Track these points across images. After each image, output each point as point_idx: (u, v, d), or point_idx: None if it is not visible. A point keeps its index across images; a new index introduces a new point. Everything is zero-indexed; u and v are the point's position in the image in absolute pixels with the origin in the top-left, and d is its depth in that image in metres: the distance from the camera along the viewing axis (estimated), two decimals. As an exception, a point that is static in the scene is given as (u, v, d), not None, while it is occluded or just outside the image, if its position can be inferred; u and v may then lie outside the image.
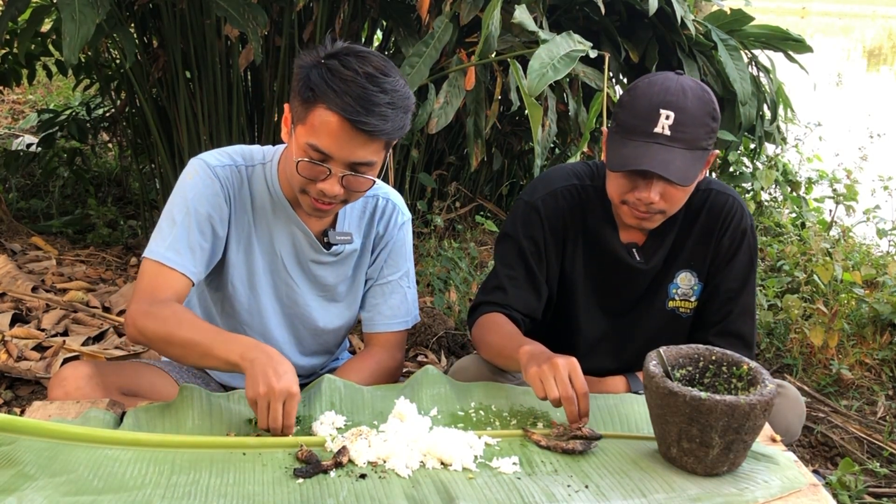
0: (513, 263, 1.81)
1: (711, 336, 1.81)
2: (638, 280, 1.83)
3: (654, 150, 1.61)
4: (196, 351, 1.49)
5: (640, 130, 1.63)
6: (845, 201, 4.56)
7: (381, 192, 1.83)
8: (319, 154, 1.53)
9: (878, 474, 2.36)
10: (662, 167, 1.59)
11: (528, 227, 1.81)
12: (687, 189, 1.67)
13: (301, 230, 1.72)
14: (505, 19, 2.94)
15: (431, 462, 1.37)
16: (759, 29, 3.73)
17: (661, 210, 1.68)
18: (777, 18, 17.42)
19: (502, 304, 1.79)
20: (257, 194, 1.71)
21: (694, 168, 1.62)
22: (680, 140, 1.61)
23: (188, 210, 1.62)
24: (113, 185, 4.68)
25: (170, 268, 1.59)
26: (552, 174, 1.85)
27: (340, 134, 1.50)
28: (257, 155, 1.73)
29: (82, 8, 2.50)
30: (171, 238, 1.61)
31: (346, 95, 1.47)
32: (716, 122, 1.65)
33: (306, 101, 1.52)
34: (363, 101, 1.48)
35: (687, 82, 1.65)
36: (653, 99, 1.62)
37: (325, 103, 1.49)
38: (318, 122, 1.51)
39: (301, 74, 1.55)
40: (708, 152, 1.66)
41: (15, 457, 1.28)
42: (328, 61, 1.51)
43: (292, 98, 1.58)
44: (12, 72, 4.18)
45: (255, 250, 1.73)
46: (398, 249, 1.84)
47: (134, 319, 1.55)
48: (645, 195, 1.64)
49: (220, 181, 1.65)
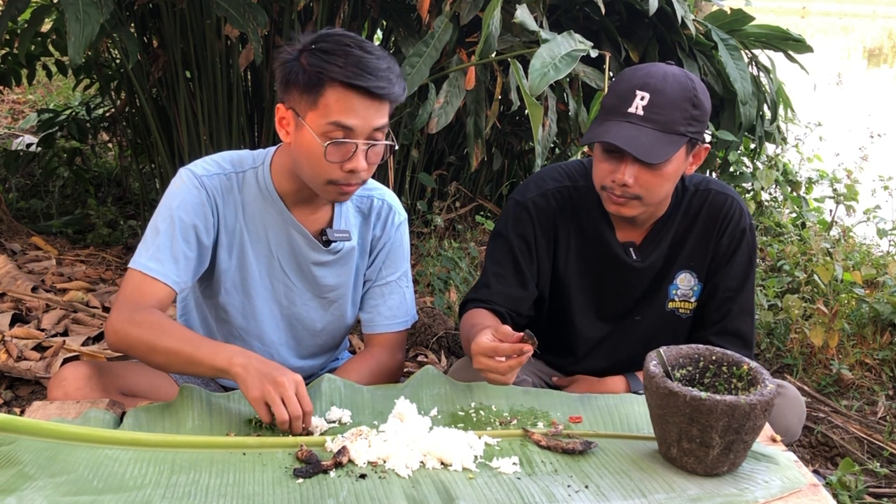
0: (501, 261, 1.81)
1: (710, 335, 1.81)
2: (635, 279, 1.83)
3: (624, 127, 1.62)
4: (181, 358, 1.49)
5: (615, 110, 1.65)
6: (845, 201, 4.55)
7: (377, 192, 1.82)
8: (342, 130, 1.54)
9: (879, 474, 2.36)
10: (627, 142, 1.60)
11: (519, 225, 1.81)
12: (662, 176, 1.66)
13: (298, 231, 1.72)
14: (505, 19, 2.94)
15: (431, 462, 1.37)
16: (759, 29, 3.73)
17: (637, 195, 1.67)
18: (777, 18, 17.41)
19: (485, 299, 1.80)
20: (250, 199, 1.70)
21: (664, 149, 1.61)
22: (652, 121, 1.61)
23: (172, 219, 1.62)
24: (113, 185, 4.68)
25: (152, 277, 1.59)
26: (544, 174, 1.86)
27: (358, 104, 1.53)
28: (247, 160, 1.72)
29: (86, 8, 2.50)
30: (155, 248, 1.61)
31: (352, 67, 1.51)
32: (697, 109, 1.64)
33: (312, 85, 1.53)
34: (369, 68, 1.52)
35: (672, 69, 1.66)
36: (633, 81, 1.65)
37: (335, 79, 1.51)
38: (333, 101, 1.52)
39: (288, 69, 1.56)
40: (685, 139, 1.64)
41: (15, 457, 1.28)
42: (317, 45, 1.54)
43: (287, 95, 1.58)
44: (12, 72, 4.18)
45: (248, 255, 1.72)
46: (396, 250, 1.84)
47: (116, 327, 1.54)
48: (619, 176, 1.65)
49: (207, 190, 1.65)
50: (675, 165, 1.66)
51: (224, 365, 1.45)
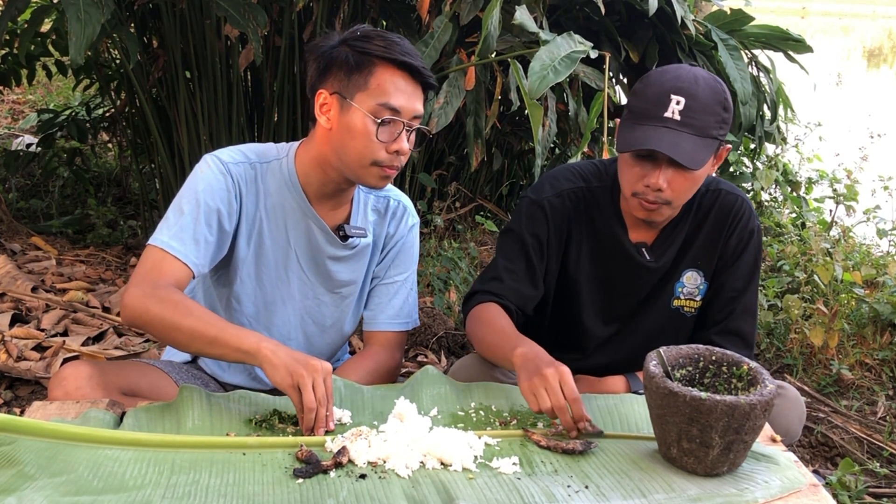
0: (513, 257, 1.81)
1: (713, 334, 1.81)
2: (645, 279, 1.83)
3: (663, 132, 1.62)
4: (204, 338, 1.48)
5: (650, 115, 1.64)
6: (845, 201, 4.56)
7: (393, 193, 1.85)
8: (392, 111, 1.58)
9: (878, 474, 2.36)
10: (671, 148, 1.60)
11: (533, 224, 1.81)
12: (694, 179, 1.67)
13: (317, 225, 1.74)
14: (505, 19, 2.94)
15: (431, 462, 1.37)
16: (759, 29, 3.72)
17: (668, 200, 1.67)
18: (777, 18, 17.41)
19: (498, 293, 1.79)
20: (272, 190, 1.71)
21: (702, 154, 1.62)
22: (690, 125, 1.61)
23: (197, 202, 1.62)
24: (113, 185, 4.68)
25: (173, 256, 1.59)
26: (559, 174, 1.86)
27: (407, 86, 1.60)
28: (271, 152, 1.74)
29: (87, 8, 2.50)
30: (178, 227, 1.61)
31: (401, 53, 1.58)
32: (727, 112, 1.66)
33: (362, 66, 1.59)
34: (413, 56, 1.60)
35: (700, 72, 1.66)
36: (664, 85, 1.64)
37: (386, 60, 1.58)
38: (384, 81, 1.58)
39: (331, 55, 1.61)
40: (718, 143, 1.66)
41: (15, 457, 1.28)
42: (354, 35, 1.61)
43: (329, 80, 1.62)
44: (12, 72, 4.18)
45: (266, 245, 1.73)
46: (406, 251, 1.87)
47: (134, 302, 1.53)
48: (654, 181, 1.64)
49: (233, 177, 1.66)
50: (705, 169, 1.67)
51: (252, 348, 1.45)
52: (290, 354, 1.44)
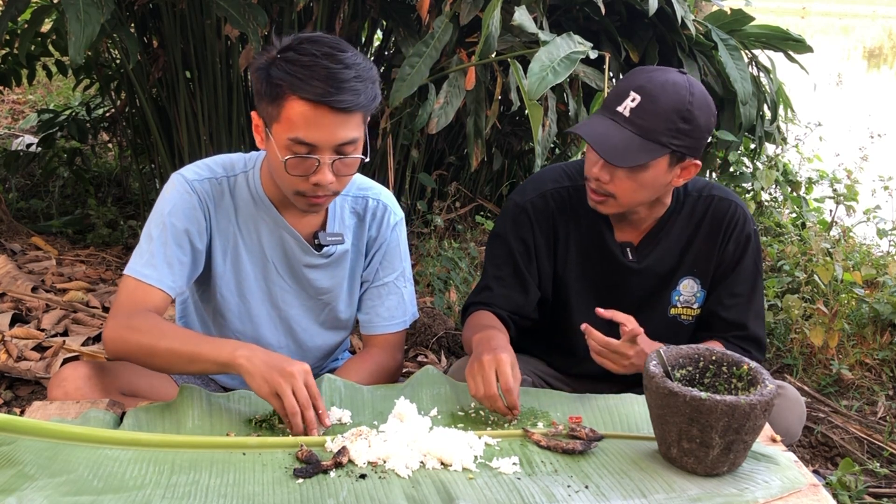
0: (500, 263, 1.82)
1: (731, 343, 1.80)
2: (635, 282, 1.83)
3: (606, 124, 1.63)
4: (182, 357, 1.49)
5: (606, 106, 1.67)
6: (845, 201, 4.55)
7: (372, 192, 1.80)
8: (304, 146, 1.51)
9: (878, 474, 2.36)
10: (597, 138, 1.61)
11: (518, 227, 1.81)
12: (638, 181, 1.65)
13: (290, 234, 1.71)
14: (505, 19, 2.94)
15: (431, 462, 1.37)
16: (759, 29, 3.72)
17: (611, 193, 1.68)
18: (777, 18, 17.39)
19: (488, 302, 1.80)
20: (242, 203, 1.70)
21: (637, 155, 1.61)
22: (635, 124, 1.61)
23: (164, 224, 1.63)
24: (113, 185, 4.68)
25: (147, 284, 1.59)
26: (543, 175, 1.86)
27: (319, 119, 1.48)
28: (238, 164, 1.72)
29: (87, 8, 2.50)
30: (149, 254, 1.61)
31: (313, 80, 1.46)
32: (687, 124, 1.62)
33: (275, 98, 1.50)
34: (332, 81, 1.46)
35: (677, 79, 1.64)
36: (633, 82, 1.65)
37: (295, 94, 1.47)
38: (293, 115, 1.49)
39: (260, 77, 1.53)
40: (667, 150, 1.63)
41: (15, 457, 1.28)
42: (283, 55, 1.50)
43: (258, 103, 1.56)
44: (12, 72, 4.18)
45: (243, 259, 1.72)
46: (392, 250, 1.82)
47: (113, 334, 1.54)
48: (593, 170, 1.67)
49: (198, 195, 1.65)
50: (654, 174, 1.65)
51: (227, 359, 1.44)
52: (265, 361, 1.42)
